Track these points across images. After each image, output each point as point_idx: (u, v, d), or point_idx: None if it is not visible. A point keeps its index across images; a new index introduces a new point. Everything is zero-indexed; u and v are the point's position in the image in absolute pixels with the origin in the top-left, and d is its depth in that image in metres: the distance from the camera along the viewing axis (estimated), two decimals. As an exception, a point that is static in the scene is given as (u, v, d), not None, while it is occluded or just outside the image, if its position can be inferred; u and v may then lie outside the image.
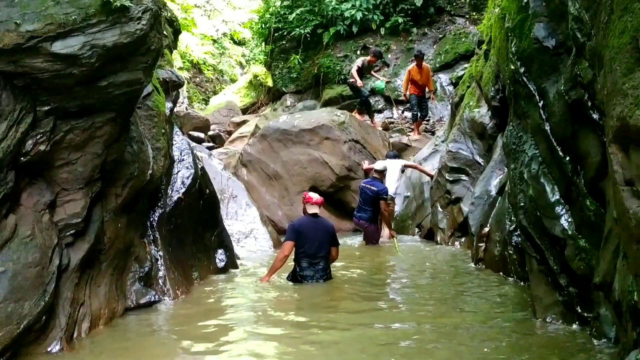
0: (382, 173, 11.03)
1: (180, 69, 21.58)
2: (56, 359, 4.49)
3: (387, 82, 15.54)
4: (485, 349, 4.71)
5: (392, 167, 11.44)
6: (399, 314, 6.03)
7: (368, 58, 14.61)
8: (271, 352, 4.80)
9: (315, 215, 7.60)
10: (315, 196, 7.79)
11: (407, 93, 14.51)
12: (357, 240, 11.21)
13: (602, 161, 4.59)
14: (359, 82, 14.33)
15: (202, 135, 16.61)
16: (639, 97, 2.48)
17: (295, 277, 7.42)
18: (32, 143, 4.58)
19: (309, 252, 7.35)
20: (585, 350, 4.48)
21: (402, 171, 11.84)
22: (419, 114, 14.47)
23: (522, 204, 5.85)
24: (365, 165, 12.33)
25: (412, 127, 14.95)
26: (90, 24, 4.55)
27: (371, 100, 15.19)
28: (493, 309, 6.01)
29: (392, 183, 11.35)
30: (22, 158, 4.53)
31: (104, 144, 5.07)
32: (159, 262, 6.40)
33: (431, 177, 11.42)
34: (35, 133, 4.60)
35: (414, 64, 14.56)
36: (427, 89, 14.47)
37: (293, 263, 7.49)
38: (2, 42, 4.26)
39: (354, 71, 14.48)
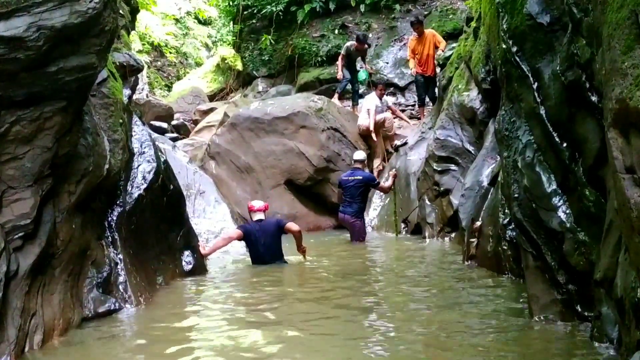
0: (362, 162, 11.17)
1: (140, 52, 21.38)
2: (5, 376, 4.45)
3: (370, 73, 15.20)
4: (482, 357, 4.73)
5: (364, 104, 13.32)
6: (392, 319, 5.97)
7: (354, 44, 14.47)
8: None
9: (260, 220, 9.11)
10: (257, 204, 9.39)
11: (413, 71, 13.78)
12: (335, 236, 11.21)
13: (601, 147, 4.63)
14: (339, 74, 14.42)
15: (164, 125, 16.50)
16: (639, 77, 2.50)
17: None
18: (-27, 136, 4.52)
19: (257, 254, 8.94)
20: (586, 351, 4.52)
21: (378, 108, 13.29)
22: (426, 97, 13.86)
23: (516, 195, 5.89)
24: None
25: (417, 112, 14.67)
26: (37, 3, 4.49)
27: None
28: (487, 310, 6.03)
29: (366, 118, 13.03)
30: (-39, 153, 4.47)
31: (54, 136, 5.01)
32: (118, 267, 6.35)
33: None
34: (-23, 125, 4.54)
35: (413, 34, 13.86)
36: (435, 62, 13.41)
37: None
38: (-63, 24, 4.19)
39: (338, 61, 14.54)
